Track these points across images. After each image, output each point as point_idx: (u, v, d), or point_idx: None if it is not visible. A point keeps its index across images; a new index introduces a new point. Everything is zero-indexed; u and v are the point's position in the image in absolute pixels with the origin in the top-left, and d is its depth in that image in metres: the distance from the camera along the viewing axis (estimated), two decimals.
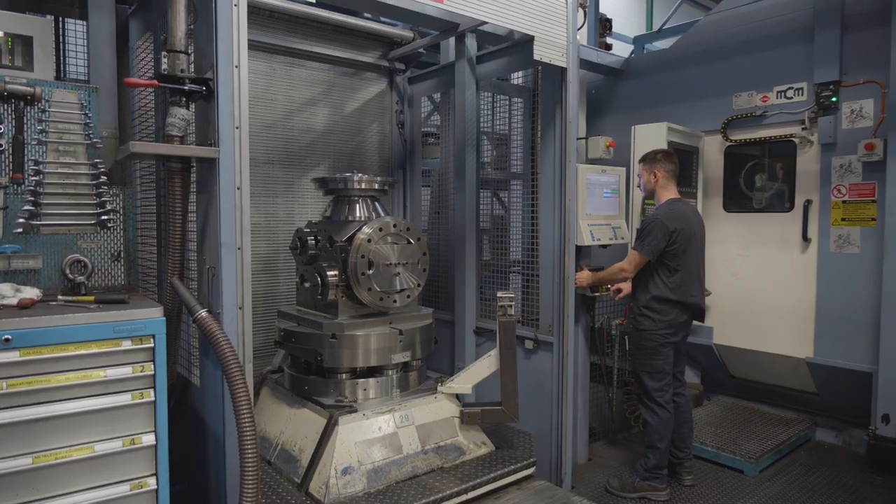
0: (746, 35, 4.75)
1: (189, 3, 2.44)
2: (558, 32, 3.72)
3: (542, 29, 3.62)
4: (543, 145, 3.97)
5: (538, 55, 3.60)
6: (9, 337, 1.86)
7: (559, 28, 3.73)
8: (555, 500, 3.25)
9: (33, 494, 1.91)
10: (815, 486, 3.99)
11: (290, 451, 3.23)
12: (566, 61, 3.76)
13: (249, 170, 4.13)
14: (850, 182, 4.22)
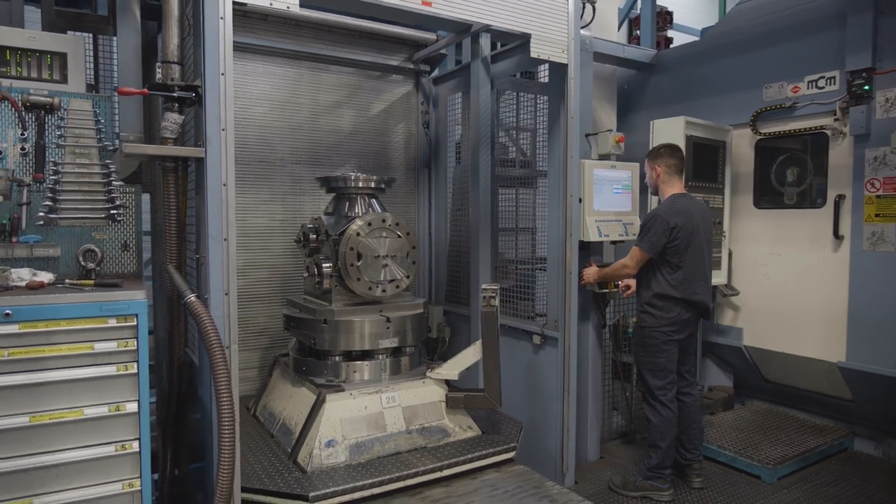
0: (777, 23, 4.55)
1: (182, 18, 2.70)
2: (558, 28, 3.74)
3: (539, 26, 3.65)
4: (550, 141, 4.01)
5: (536, 52, 3.64)
6: (9, 312, 2.18)
7: (559, 24, 3.74)
8: (529, 483, 3.32)
9: (29, 449, 2.22)
10: (838, 496, 3.79)
11: (288, 426, 3.48)
12: (567, 57, 3.77)
13: (276, 169, 4.48)
14: (885, 175, 3.97)
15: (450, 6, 3.31)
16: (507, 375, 4.43)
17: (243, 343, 4.41)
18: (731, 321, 4.99)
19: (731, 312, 4.99)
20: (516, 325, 4.33)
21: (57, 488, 2.26)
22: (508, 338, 4.42)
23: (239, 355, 4.34)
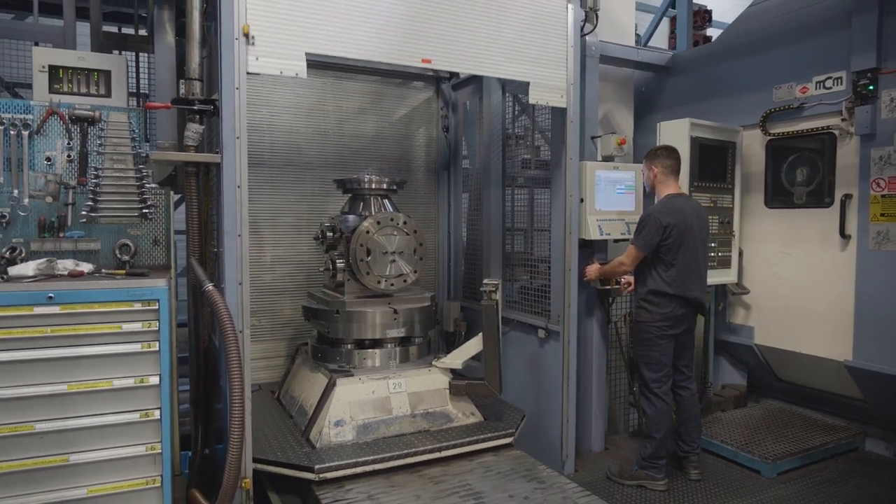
0: (786, 24, 4.59)
1: (202, 38, 3.06)
2: (556, 75, 3.88)
3: (537, 73, 3.80)
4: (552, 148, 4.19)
5: (534, 99, 3.81)
6: (52, 295, 2.56)
7: (558, 71, 3.88)
8: (522, 466, 3.53)
9: (66, 413, 2.60)
10: (836, 493, 3.83)
11: (304, 407, 3.81)
12: (566, 102, 3.92)
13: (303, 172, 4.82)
14: (890, 175, 3.98)
15: (448, 61, 3.54)
16: (515, 367, 4.65)
17: (271, 333, 4.81)
18: (742, 320, 5.04)
19: (743, 311, 5.04)
20: (524, 320, 4.53)
21: (89, 448, 2.63)
22: (517, 332, 4.64)
23: (266, 345, 4.78)
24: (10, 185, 3.02)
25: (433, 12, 3.45)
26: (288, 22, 3.06)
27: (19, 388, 2.52)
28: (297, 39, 3.07)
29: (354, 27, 3.22)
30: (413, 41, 3.39)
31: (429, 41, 3.43)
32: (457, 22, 3.50)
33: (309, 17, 3.11)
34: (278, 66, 3.03)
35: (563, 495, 3.25)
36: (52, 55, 3.45)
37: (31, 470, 2.54)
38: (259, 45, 2.98)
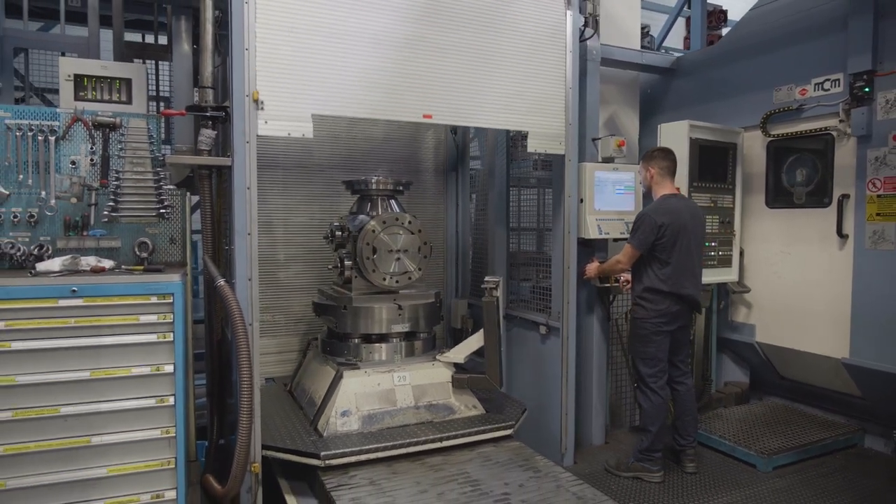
0: (787, 27, 4.67)
1: (215, 48, 3.25)
2: (554, 124, 4.00)
3: (535, 123, 3.93)
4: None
5: (532, 147, 3.94)
6: (75, 289, 2.77)
7: (555, 120, 4.00)
8: (520, 456, 3.67)
9: (88, 398, 2.80)
10: (829, 487, 3.90)
11: (313, 398, 3.99)
12: (563, 148, 4.05)
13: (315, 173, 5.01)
14: (885, 175, 4.04)
15: (448, 115, 3.70)
16: (519, 363, 4.80)
17: (284, 328, 5.01)
18: (744, 318, 5.12)
19: (745, 309, 5.11)
20: (527, 317, 4.68)
21: (109, 430, 2.83)
22: (521, 329, 4.78)
23: (280, 339, 4.97)
24: (38, 187, 3.24)
25: (435, 72, 3.60)
26: (295, 87, 3.23)
27: (46, 375, 2.73)
28: (304, 102, 3.25)
29: (359, 89, 3.39)
30: (415, 99, 3.55)
31: (430, 98, 3.59)
32: (457, 80, 3.66)
33: (315, 81, 3.28)
34: (287, 128, 3.22)
35: (557, 483, 3.39)
36: (77, 65, 3.67)
37: (57, 450, 2.75)
38: (268, 109, 3.16)
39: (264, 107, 3.15)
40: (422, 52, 3.58)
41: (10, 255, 3.13)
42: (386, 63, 3.47)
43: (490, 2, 3.77)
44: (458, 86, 3.67)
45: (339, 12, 3.35)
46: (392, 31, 3.49)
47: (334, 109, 3.40)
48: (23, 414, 2.69)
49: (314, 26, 3.28)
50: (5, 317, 2.66)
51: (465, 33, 3.69)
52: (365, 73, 3.41)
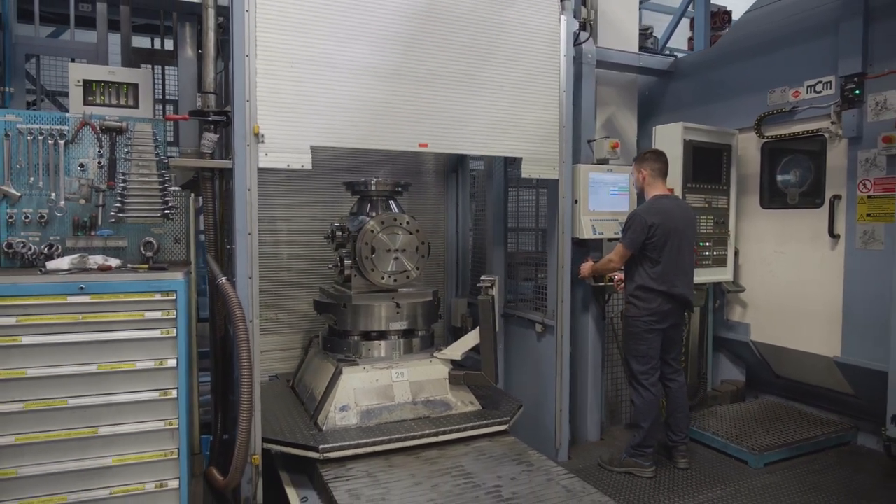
0: (780, 30, 4.73)
1: (217, 55, 3.38)
2: (548, 150, 4.10)
3: (529, 149, 4.04)
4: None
5: (527, 173, 4.04)
6: (83, 286, 2.90)
7: (549, 146, 4.10)
8: (514, 451, 3.77)
9: (95, 390, 2.93)
10: (819, 483, 3.97)
11: (314, 394, 4.10)
12: (557, 173, 4.15)
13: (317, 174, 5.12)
14: (875, 176, 4.10)
15: (443, 143, 3.83)
16: (517, 361, 4.89)
17: (287, 326, 5.12)
18: (739, 317, 5.18)
19: (740, 308, 5.18)
20: (524, 315, 4.77)
21: (115, 422, 2.95)
22: (519, 327, 4.87)
23: (283, 337, 5.09)
24: (49, 189, 3.37)
25: (430, 102, 3.72)
26: (294, 120, 3.36)
27: (55, 368, 2.86)
28: (303, 135, 3.38)
29: (357, 120, 3.52)
30: (411, 128, 3.68)
31: (426, 127, 3.72)
32: (451, 109, 3.78)
33: (313, 113, 3.41)
34: (287, 159, 3.36)
35: (548, 477, 3.48)
36: (86, 71, 3.81)
37: (65, 440, 2.88)
38: (268, 142, 3.29)
39: (265, 140, 3.27)
40: (417, 83, 3.69)
41: (21, 253, 3.27)
42: (382, 94, 3.58)
43: (483, 33, 3.87)
44: (453, 115, 3.79)
45: (336, 46, 3.46)
46: (387, 64, 3.60)
47: (332, 141, 3.54)
48: (33, 405, 2.83)
49: (312, 60, 3.40)
50: (16, 312, 2.79)
51: (458, 63, 3.80)
52: (362, 104, 3.53)
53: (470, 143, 3.88)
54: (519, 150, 4.01)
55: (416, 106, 3.69)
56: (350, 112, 3.51)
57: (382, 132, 3.61)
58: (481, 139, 3.88)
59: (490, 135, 3.90)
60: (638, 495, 3.81)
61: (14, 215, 3.31)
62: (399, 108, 3.65)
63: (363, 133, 3.57)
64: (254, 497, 3.38)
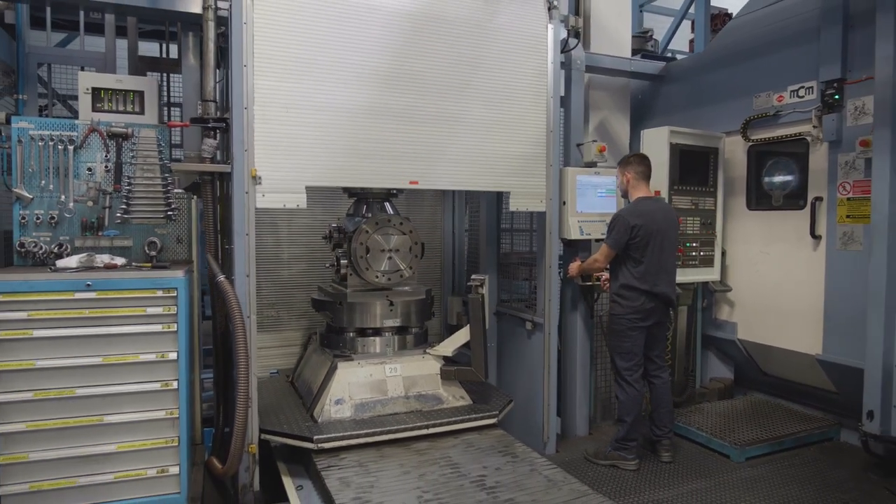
0: (766, 37, 4.86)
1: (217, 65, 3.56)
2: (535, 183, 4.25)
3: (516, 183, 4.19)
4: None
5: (514, 206, 4.20)
6: (90, 283, 3.09)
7: (536, 180, 4.25)
8: (501, 443, 3.93)
9: (100, 381, 3.12)
10: (797, 476, 4.09)
11: (311, 387, 4.28)
12: (545, 206, 4.31)
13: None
14: (854, 179, 4.22)
15: (433, 180, 3.99)
16: (510, 357, 5.05)
17: (288, 324, 5.31)
18: (727, 316, 5.31)
19: (728, 308, 5.30)
20: (515, 314, 4.93)
21: (119, 411, 3.14)
22: (511, 325, 5.03)
23: (283, 334, 5.27)
24: (59, 192, 3.57)
25: (420, 141, 3.88)
26: (289, 162, 3.52)
27: (63, 360, 3.05)
28: (298, 176, 3.55)
29: (350, 160, 3.68)
30: (402, 166, 3.84)
31: (416, 165, 3.87)
32: (441, 147, 3.94)
33: (308, 155, 3.58)
34: (283, 199, 3.53)
35: (532, 467, 3.63)
36: (95, 79, 4.00)
37: (73, 427, 3.07)
38: (265, 183, 3.47)
39: (262, 181, 3.45)
40: (407, 124, 3.84)
41: (33, 252, 3.47)
42: (373, 134, 3.74)
43: (471, 74, 4.02)
44: (442, 152, 3.94)
45: (328, 89, 3.61)
46: (378, 105, 3.75)
47: (326, 181, 3.71)
48: (42, 395, 3.02)
49: (305, 105, 3.56)
50: (28, 307, 2.99)
51: (447, 103, 3.95)
52: (355, 145, 3.69)
53: (458, 180, 4.04)
54: (506, 184, 4.17)
55: (406, 146, 3.84)
56: (342, 153, 3.66)
57: (374, 171, 3.77)
58: (470, 176, 4.04)
59: (479, 171, 4.05)
60: (620, 486, 3.95)
61: (26, 216, 3.51)
62: (390, 147, 3.80)
63: (356, 172, 3.73)
64: (251, 484, 3.56)
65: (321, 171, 3.63)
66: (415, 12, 3.87)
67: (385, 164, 3.80)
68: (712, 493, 3.85)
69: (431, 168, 3.92)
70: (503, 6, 4.13)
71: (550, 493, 3.33)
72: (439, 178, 3.98)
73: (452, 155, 3.98)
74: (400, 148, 3.83)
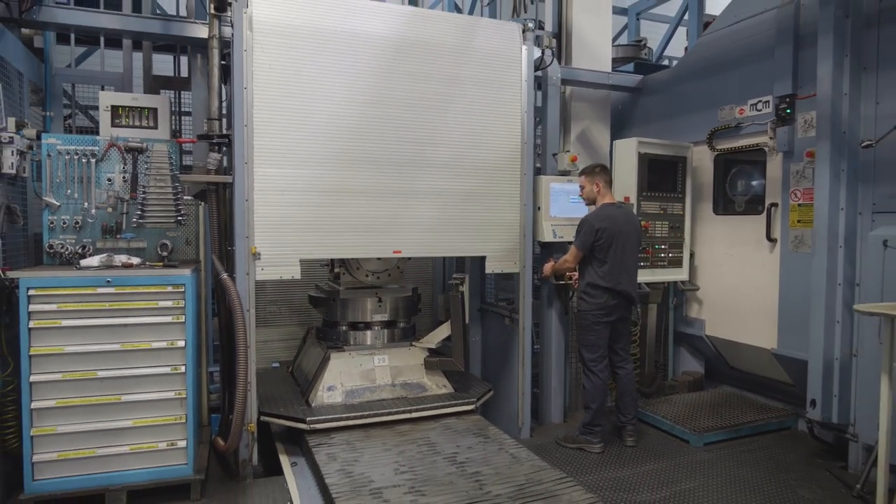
0: (729, 54, 5.23)
1: (220, 87, 4.02)
2: (510, 247, 4.70)
3: (492, 248, 4.64)
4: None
5: (490, 269, 4.66)
6: (109, 279, 3.55)
7: (511, 244, 4.70)
8: (476, 426, 4.37)
9: (119, 365, 3.59)
10: (749, 459, 4.45)
11: (307, 376, 4.73)
12: (519, 267, 4.74)
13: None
14: (804, 187, 4.58)
15: (415, 248, 4.46)
16: (493, 350, 5.47)
17: (289, 319, 5.77)
18: (696, 314, 5.68)
19: (697, 306, 5.67)
20: (497, 311, 5.34)
21: (134, 391, 3.61)
22: (495, 321, 5.44)
23: (284, 329, 5.73)
24: (82, 199, 4.05)
25: (402, 215, 4.33)
26: (285, 239, 4.01)
27: (87, 346, 3.52)
28: (293, 252, 4.04)
29: (340, 235, 4.17)
30: (387, 238, 4.31)
31: (399, 236, 4.35)
32: (421, 219, 4.39)
33: (302, 233, 4.06)
34: (279, 272, 4.02)
35: (500, 447, 4.05)
36: (114, 98, 4.48)
37: (94, 405, 3.54)
38: (264, 258, 3.96)
39: (261, 257, 3.94)
40: (391, 200, 4.30)
41: (60, 253, 3.94)
42: (361, 210, 4.21)
43: (452, 153, 4.47)
44: (423, 223, 4.41)
45: (316, 174, 4.08)
46: (365, 185, 4.21)
47: (318, 254, 4.21)
48: (69, 376, 3.49)
49: (298, 187, 4.03)
50: (57, 300, 3.46)
51: (428, 180, 4.40)
52: (344, 220, 4.17)
53: (439, 248, 4.51)
54: (483, 249, 4.61)
55: (390, 220, 4.31)
56: (334, 229, 4.14)
57: (362, 243, 4.25)
58: (449, 243, 4.51)
59: (457, 239, 4.51)
60: (583, 466, 4.35)
61: (54, 221, 3.99)
62: (376, 222, 4.26)
63: (345, 245, 4.22)
64: (250, 458, 4.01)
65: (313, 246, 4.11)
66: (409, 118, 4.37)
67: (371, 237, 4.27)
68: (667, 473, 4.23)
69: (412, 238, 4.38)
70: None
71: (513, 468, 3.74)
72: (419, 247, 4.44)
73: (431, 226, 4.42)
74: (385, 223, 4.29)
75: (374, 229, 4.26)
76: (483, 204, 4.59)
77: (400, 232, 4.34)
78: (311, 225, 4.08)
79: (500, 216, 4.67)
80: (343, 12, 4.14)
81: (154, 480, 3.64)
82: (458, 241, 4.53)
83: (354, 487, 3.45)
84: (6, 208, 3.60)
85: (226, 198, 4.26)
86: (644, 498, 3.86)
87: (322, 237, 4.12)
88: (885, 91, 4.02)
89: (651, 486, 4.02)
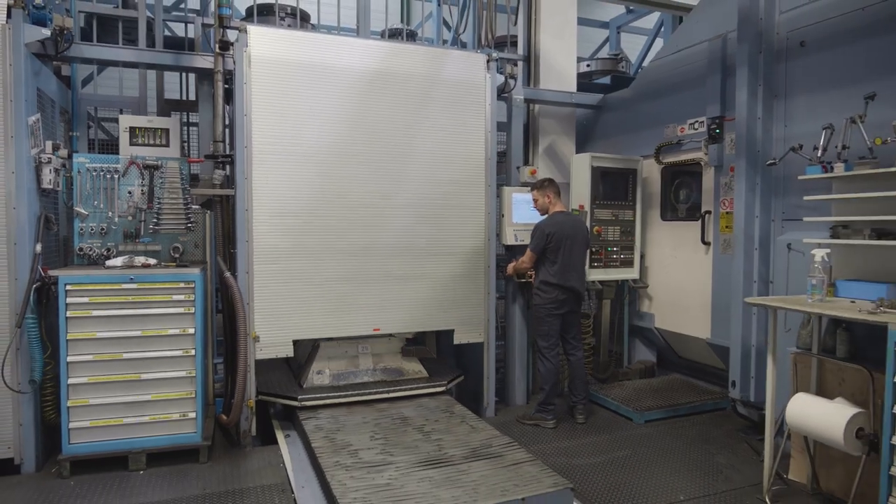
0: (671, 79, 5.92)
1: (223, 115, 4.73)
2: (476, 319, 5.42)
3: (460, 321, 5.37)
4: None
5: (458, 340, 5.38)
6: (132, 277, 4.27)
7: (476, 316, 5.42)
8: (445, 405, 5.09)
9: (140, 348, 4.29)
10: (681, 434, 5.13)
11: (301, 362, 5.43)
12: (483, 337, 5.46)
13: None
14: (730, 197, 5.26)
15: (392, 326, 5.20)
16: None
17: None
18: (647, 308, 6.37)
19: (647, 301, 6.37)
20: None
21: (153, 370, 4.31)
22: None
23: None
24: (107, 209, 4.76)
25: (379, 297, 5.09)
26: (280, 323, 4.79)
27: (113, 332, 4.23)
28: (287, 334, 4.83)
29: (327, 318, 4.93)
30: (366, 319, 5.09)
31: (378, 316, 5.14)
32: (396, 300, 5.15)
33: (294, 317, 4.83)
34: (275, 351, 4.80)
35: (462, 420, 4.75)
36: (132, 120, 5.19)
37: (120, 381, 4.24)
38: (263, 341, 4.74)
39: (260, 340, 4.71)
40: (370, 285, 5.07)
41: (89, 255, 4.66)
42: (343, 296, 4.97)
43: (427, 245, 5.24)
44: (398, 304, 5.15)
45: (309, 265, 4.87)
46: (346, 274, 4.98)
47: (308, 335, 4.96)
48: (99, 357, 4.20)
49: (294, 276, 4.81)
50: (88, 294, 4.17)
51: (401, 262, 5.15)
52: (330, 305, 4.95)
53: (413, 325, 5.25)
54: (451, 323, 5.35)
55: (368, 302, 5.07)
56: (321, 313, 4.92)
57: (345, 324, 5.04)
58: (421, 320, 5.25)
59: (428, 317, 5.26)
60: (536, 437, 5.04)
61: (84, 228, 4.71)
62: (357, 304, 5.03)
63: (331, 326, 5.00)
64: (249, 430, 4.71)
65: (307, 329, 4.92)
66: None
67: (353, 317, 5.04)
68: (607, 444, 4.93)
69: (390, 317, 5.15)
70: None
71: (471, 436, 4.44)
72: (396, 324, 5.19)
73: (405, 307, 5.19)
74: (364, 305, 5.07)
75: (355, 312, 5.05)
76: (451, 290, 5.34)
77: (378, 313, 5.12)
78: (302, 311, 4.89)
79: (467, 295, 5.40)
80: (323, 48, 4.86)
81: (169, 445, 4.34)
82: (427, 319, 5.27)
83: (335, 449, 4.15)
84: (45, 217, 4.31)
85: (229, 207, 4.97)
86: (582, 462, 4.55)
87: (312, 321, 4.92)
88: (792, 115, 4.70)
89: (590, 454, 4.72)
